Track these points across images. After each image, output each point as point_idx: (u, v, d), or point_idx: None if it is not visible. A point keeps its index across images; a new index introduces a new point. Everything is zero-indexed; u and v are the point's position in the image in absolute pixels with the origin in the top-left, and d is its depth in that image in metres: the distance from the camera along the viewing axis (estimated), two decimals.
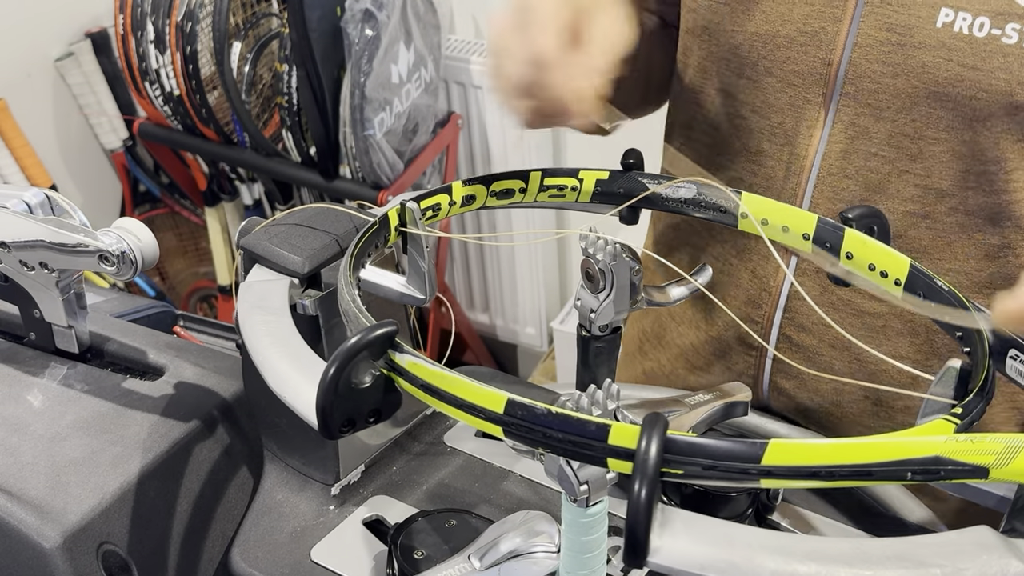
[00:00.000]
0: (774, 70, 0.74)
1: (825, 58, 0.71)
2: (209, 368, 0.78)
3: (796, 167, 0.76)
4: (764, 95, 0.76)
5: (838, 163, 0.74)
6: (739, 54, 0.76)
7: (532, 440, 0.45)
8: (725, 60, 0.77)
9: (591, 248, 0.66)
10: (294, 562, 0.66)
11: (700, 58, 0.80)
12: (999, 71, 0.65)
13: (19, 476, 0.67)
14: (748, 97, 0.77)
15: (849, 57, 0.70)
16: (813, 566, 0.40)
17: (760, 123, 0.77)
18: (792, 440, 0.42)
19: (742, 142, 0.79)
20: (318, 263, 0.66)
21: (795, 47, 0.72)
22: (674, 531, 0.42)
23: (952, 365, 0.54)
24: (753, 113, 0.77)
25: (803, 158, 0.75)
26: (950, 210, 0.72)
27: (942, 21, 0.66)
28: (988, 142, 0.69)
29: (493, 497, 0.71)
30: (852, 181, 0.74)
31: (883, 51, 0.69)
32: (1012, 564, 0.41)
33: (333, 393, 0.48)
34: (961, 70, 0.66)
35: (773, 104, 0.75)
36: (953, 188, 0.71)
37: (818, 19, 0.71)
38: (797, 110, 0.74)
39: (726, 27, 0.76)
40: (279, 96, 1.92)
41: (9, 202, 0.73)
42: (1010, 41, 0.64)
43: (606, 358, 0.71)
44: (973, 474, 0.42)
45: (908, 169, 0.71)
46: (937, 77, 0.67)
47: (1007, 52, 0.65)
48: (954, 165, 0.70)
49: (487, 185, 0.70)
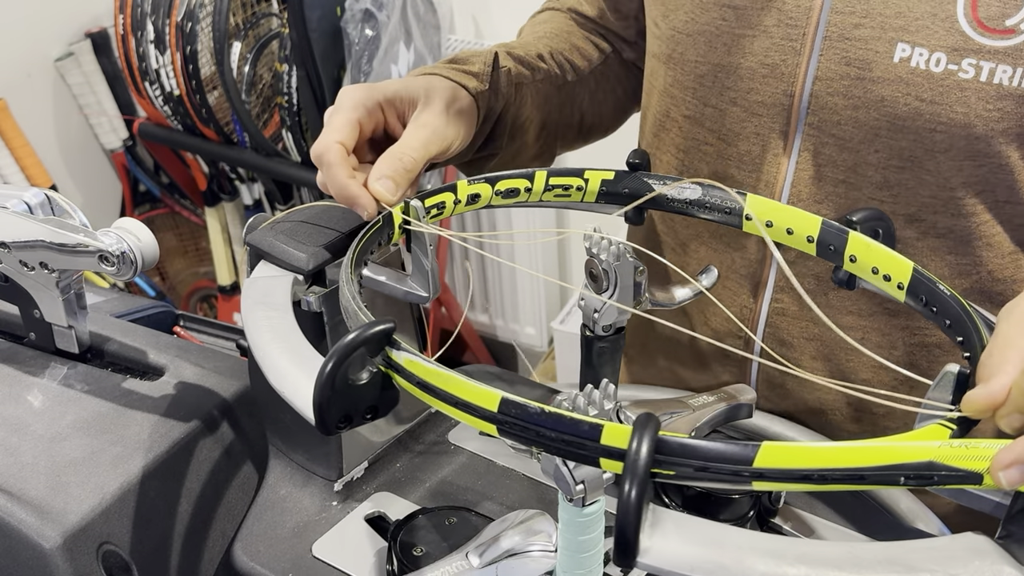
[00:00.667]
0: (738, 100, 0.75)
1: (787, 90, 0.72)
2: (209, 368, 0.78)
3: (766, 193, 0.76)
4: (730, 123, 0.76)
5: (808, 189, 0.74)
6: (703, 84, 0.76)
7: (526, 439, 0.44)
8: (691, 88, 0.78)
9: (595, 248, 0.66)
10: (295, 557, 0.66)
11: (666, 84, 0.80)
12: (956, 105, 0.66)
13: (19, 476, 0.67)
14: (714, 125, 0.77)
15: (811, 90, 0.71)
16: (803, 569, 0.40)
17: (727, 150, 0.77)
18: (784, 443, 0.42)
19: (711, 167, 0.79)
20: (323, 260, 0.66)
21: (757, 79, 0.73)
22: (664, 532, 0.42)
23: (950, 370, 0.53)
24: (720, 140, 0.77)
25: (772, 184, 0.76)
26: (920, 234, 0.73)
27: (899, 56, 0.66)
28: (951, 171, 0.69)
29: (495, 495, 0.71)
30: (823, 206, 0.74)
31: (843, 84, 0.69)
32: (1004, 570, 0.41)
33: (330, 389, 0.48)
34: (919, 104, 0.67)
35: (739, 132, 0.76)
36: (921, 213, 0.72)
37: (778, 52, 0.71)
38: (763, 139, 0.75)
39: (690, 57, 0.76)
40: (279, 96, 1.92)
41: (9, 202, 0.73)
42: (967, 76, 0.65)
43: (609, 358, 0.71)
44: (967, 480, 0.42)
45: (875, 196, 0.72)
46: (896, 111, 0.68)
47: (964, 87, 0.65)
48: (920, 192, 0.71)
49: (492, 184, 0.70)
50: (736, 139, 0.76)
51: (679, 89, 0.79)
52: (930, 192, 0.71)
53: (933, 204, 0.71)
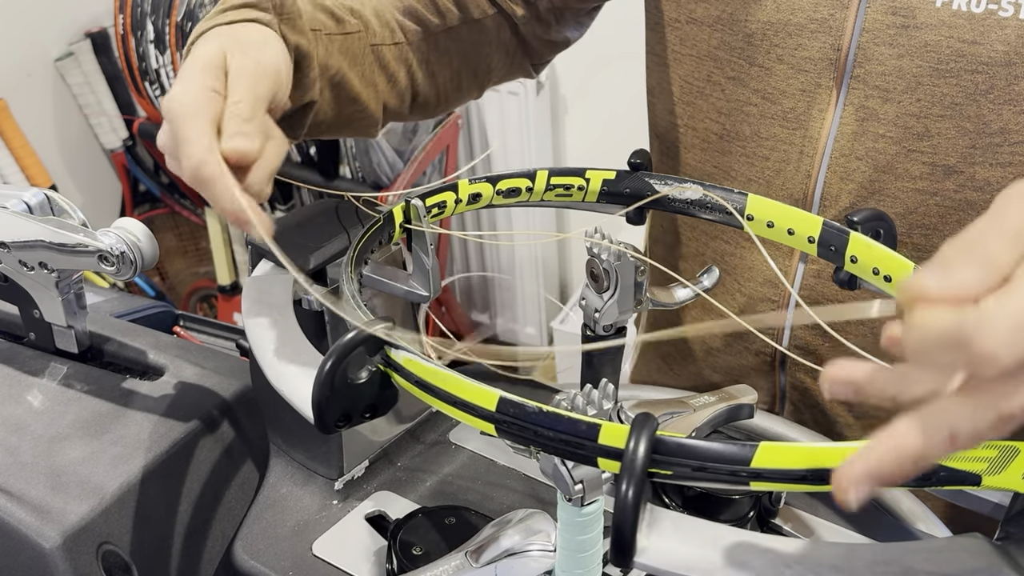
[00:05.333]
0: (786, 57, 0.76)
1: (835, 44, 0.73)
2: (209, 368, 0.78)
3: (809, 150, 0.77)
4: (776, 82, 0.77)
5: (849, 145, 0.76)
6: (752, 43, 0.77)
7: (524, 438, 0.44)
8: (738, 49, 0.79)
9: (596, 248, 0.66)
10: (296, 555, 0.67)
11: (711, 47, 0.81)
12: (997, 43, 0.68)
13: (19, 476, 0.67)
14: (760, 84, 0.78)
15: (857, 42, 0.72)
16: (800, 569, 0.40)
17: (772, 109, 0.78)
18: (782, 443, 0.41)
19: (753, 128, 0.80)
20: (324, 259, 0.66)
21: (806, 34, 0.74)
22: (662, 531, 0.42)
23: None
24: (764, 100, 0.79)
25: (815, 141, 0.77)
26: (958, 187, 0.74)
27: (941, 1, 0.69)
28: (991, 115, 0.71)
29: (496, 495, 0.71)
30: (863, 162, 0.75)
31: (889, 34, 0.71)
32: (1003, 572, 0.40)
33: (329, 388, 0.48)
34: (962, 45, 0.69)
35: (785, 90, 0.77)
36: (960, 164, 0.73)
37: (827, 6, 0.73)
38: (809, 95, 0.76)
39: (739, 16, 0.78)
40: None
41: (9, 202, 0.72)
42: (1006, 14, 0.67)
43: (610, 358, 0.71)
44: (965, 480, 0.41)
45: (916, 148, 0.73)
46: (940, 55, 0.70)
47: (1004, 24, 0.68)
48: (960, 141, 0.72)
49: (494, 184, 0.70)
50: (781, 97, 0.77)
51: (725, 51, 0.79)
52: (970, 140, 0.72)
53: (972, 154, 0.72)
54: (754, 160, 0.80)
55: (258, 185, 0.57)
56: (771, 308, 0.84)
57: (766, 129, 0.79)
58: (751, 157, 0.81)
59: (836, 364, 0.37)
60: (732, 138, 0.82)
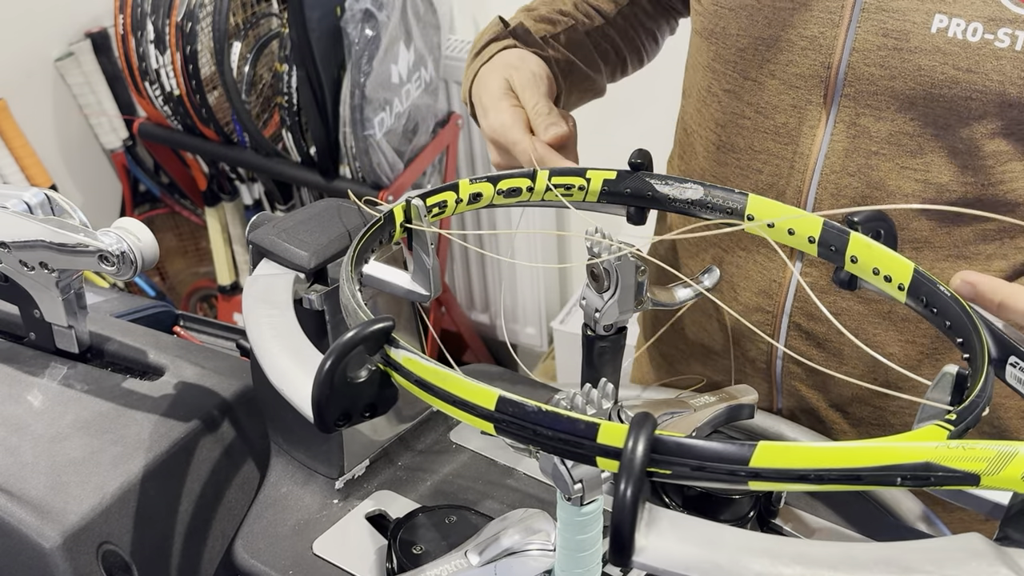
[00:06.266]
0: (777, 73, 0.76)
1: (825, 61, 0.74)
2: (209, 368, 0.78)
3: (800, 165, 0.78)
4: (768, 96, 0.78)
5: (840, 161, 0.76)
6: (744, 57, 0.78)
7: (523, 437, 0.44)
8: (732, 62, 0.80)
9: (596, 248, 0.66)
10: (296, 554, 0.67)
11: (708, 59, 0.82)
12: (992, 73, 0.68)
13: (19, 476, 0.67)
14: (753, 98, 0.79)
15: (848, 61, 0.73)
16: (798, 568, 0.40)
17: (764, 123, 0.79)
18: (781, 443, 0.41)
19: (747, 141, 0.81)
20: (324, 258, 0.67)
21: (796, 51, 0.75)
22: (660, 531, 0.42)
23: (948, 371, 0.53)
24: (758, 113, 0.79)
25: (806, 156, 0.77)
26: (949, 203, 0.74)
27: (936, 27, 0.68)
28: (984, 138, 0.71)
29: (496, 494, 0.71)
30: (854, 178, 0.76)
31: (880, 55, 0.71)
32: (1001, 572, 0.40)
33: (329, 387, 0.48)
34: (956, 73, 0.69)
35: (777, 105, 0.78)
36: (952, 183, 0.73)
37: (817, 24, 0.73)
38: (800, 111, 0.76)
39: (731, 31, 0.78)
40: (279, 96, 1.92)
41: (9, 202, 0.72)
42: (1002, 45, 0.67)
43: (611, 358, 0.71)
44: (964, 481, 0.41)
45: (908, 166, 0.74)
46: (933, 80, 0.70)
47: (1000, 55, 0.67)
48: (952, 160, 0.73)
49: (494, 183, 0.70)
50: (773, 112, 0.78)
51: (720, 63, 0.81)
52: (962, 160, 0.72)
53: (963, 172, 0.73)
54: (748, 173, 0.81)
55: (575, 152, 0.78)
56: (765, 318, 0.85)
57: (759, 143, 0.80)
58: (745, 170, 0.81)
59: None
60: (728, 149, 0.83)
